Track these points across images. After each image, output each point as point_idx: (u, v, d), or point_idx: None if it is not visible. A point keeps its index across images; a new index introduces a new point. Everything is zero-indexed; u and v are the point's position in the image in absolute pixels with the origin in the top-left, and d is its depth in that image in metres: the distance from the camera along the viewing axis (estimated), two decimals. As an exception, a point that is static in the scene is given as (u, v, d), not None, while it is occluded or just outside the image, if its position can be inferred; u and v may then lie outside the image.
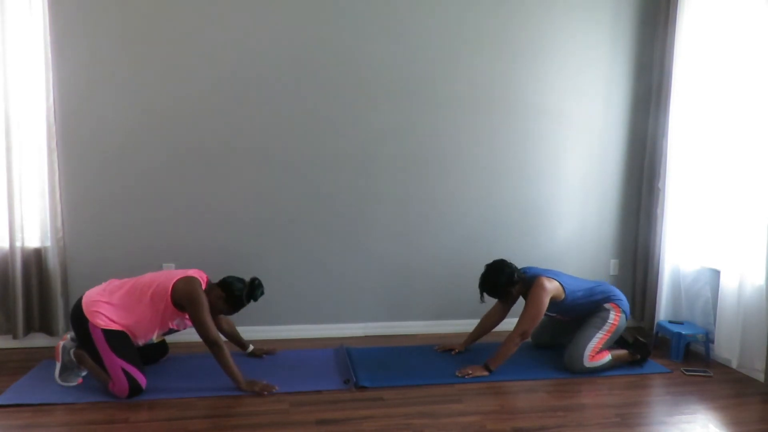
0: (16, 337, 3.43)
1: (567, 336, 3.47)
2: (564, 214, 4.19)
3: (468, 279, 4.02)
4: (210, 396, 2.88)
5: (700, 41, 3.70)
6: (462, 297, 4.04)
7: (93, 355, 2.86)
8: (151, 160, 3.58)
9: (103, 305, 2.86)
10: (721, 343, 3.47)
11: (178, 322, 2.97)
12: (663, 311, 3.90)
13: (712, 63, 3.65)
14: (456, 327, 3.90)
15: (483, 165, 4.01)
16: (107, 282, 3.04)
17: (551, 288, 3.25)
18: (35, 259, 3.46)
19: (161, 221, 3.63)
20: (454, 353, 3.56)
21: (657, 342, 3.83)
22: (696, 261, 3.78)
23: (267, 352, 3.47)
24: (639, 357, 3.40)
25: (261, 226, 3.76)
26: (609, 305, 3.37)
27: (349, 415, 2.72)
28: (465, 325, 3.79)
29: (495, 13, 3.89)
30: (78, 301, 2.92)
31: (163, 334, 3.11)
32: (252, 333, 3.62)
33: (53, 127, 3.40)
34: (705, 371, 3.40)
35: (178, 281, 2.88)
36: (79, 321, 2.86)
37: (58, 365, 2.96)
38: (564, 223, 4.20)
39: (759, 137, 3.24)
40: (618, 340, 3.46)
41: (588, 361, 3.27)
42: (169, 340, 3.37)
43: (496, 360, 3.22)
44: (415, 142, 3.89)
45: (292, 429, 2.58)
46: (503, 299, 3.42)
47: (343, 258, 3.90)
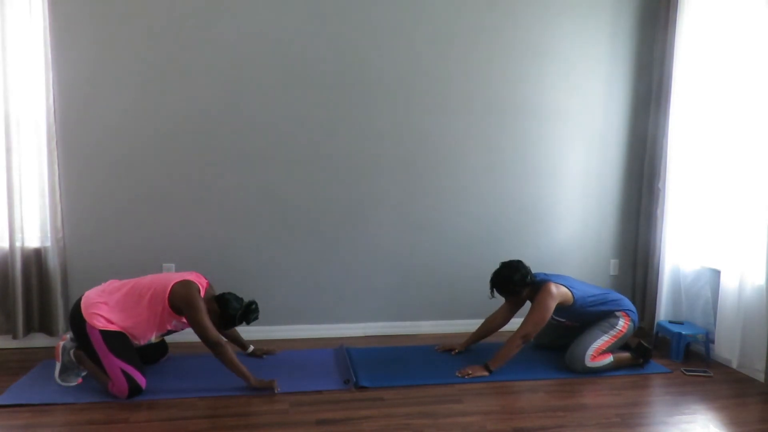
0: (16, 337, 3.43)
1: (570, 338, 3.46)
2: (564, 214, 4.19)
3: (468, 279, 4.05)
4: (210, 396, 2.88)
5: (700, 41, 3.70)
6: (462, 297, 4.04)
7: (92, 357, 2.86)
8: (151, 160, 3.58)
9: (101, 307, 2.86)
10: (721, 343, 3.47)
11: (175, 323, 2.97)
12: (663, 311, 3.90)
13: (712, 63, 3.65)
14: (456, 327, 3.89)
15: (483, 165, 4.01)
16: (107, 283, 3.04)
17: (558, 294, 3.25)
18: (35, 259, 3.46)
19: (161, 221, 3.63)
20: (454, 353, 3.56)
21: (657, 342, 3.83)
22: (696, 261, 3.79)
23: (267, 352, 3.48)
24: (641, 361, 3.40)
25: (261, 226, 3.76)
26: (619, 313, 3.38)
27: (349, 415, 2.72)
28: (465, 325, 3.79)
29: (495, 14, 3.89)
30: (77, 303, 2.92)
31: (162, 335, 3.12)
32: (252, 333, 3.62)
33: (53, 127, 3.40)
34: (705, 371, 3.40)
35: (175, 285, 2.88)
36: (78, 322, 2.86)
37: (58, 365, 2.96)
38: (564, 223, 4.20)
39: (759, 137, 3.24)
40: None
41: (590, 361, 3.27)
42: (169, 340, 3.37)
43: (496, 361, 3.23)
44: (416, 142, 3.89)
45: (292, 429, 2.58)
46: (512, 298, 3.41)
47: (344, 258, 3.90)
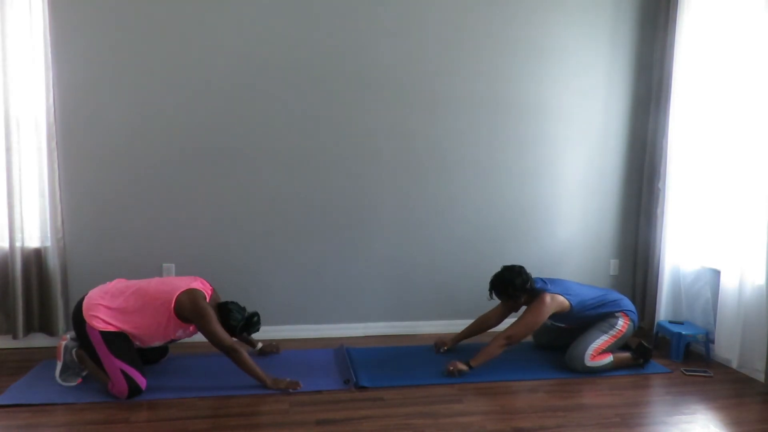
0: (16, 337, 3.43)
1: (569, 338, 3.46)
2: (564, 214, 4.19)
3: (468, 279, 4.05)
4: (210, 396, 2.88)
5: (700, 41, 3.70)
6: (462, 297, 4.05)
7: (92, 356, 2.86)
8: (151, 159, 3.58)
9: (102, 309, 2.85)
10: (721, 343, 3.46)
11: (180, 333, 2.96)
12: (663, 311, 3.90)
13: (712, 63, 3.65)
14: (456, 327, 3.88)
15: (483, 165, 4.01)
16: (113, 282, 3.03)
17: (553, 304, 3.25)
18: (35, 259, 3.46)
19: (161, 221, 3.63)
20: (443, 350, 3.57)
21: (657, 342, 3.83)
22: (696, 261, 3.78)
23: (275, 348, 3.51)
24: (642, 361, 3.40)
25: (261, 226, 3.76)
26: (619, 314, 3.38)
27: (349, 415, 2.72)
28: (465, 325, 3.77)
29: (495, 13, 3.89)
30: (80, 302, 2.92)
31: (166, 342, 3.09)
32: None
33: (53, 127, 3.40)
34: (705, 371, 3.40)
35: (181, 294, 2.87)
36: (79, 322, 2.86)
37: (59, 364, 2.96)
38: (564, 223, 4.20)
39: (759, 137, 3.24)
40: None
41: (589, 360, 3.27)
42: (169, 340, 3.37)
43: (478, 359, 3.20)
44: (415, 142, 3.89)
45: (292, 429, 2.58)
46: (509, 302, 3.39)
47: (344, 258, 3.90)
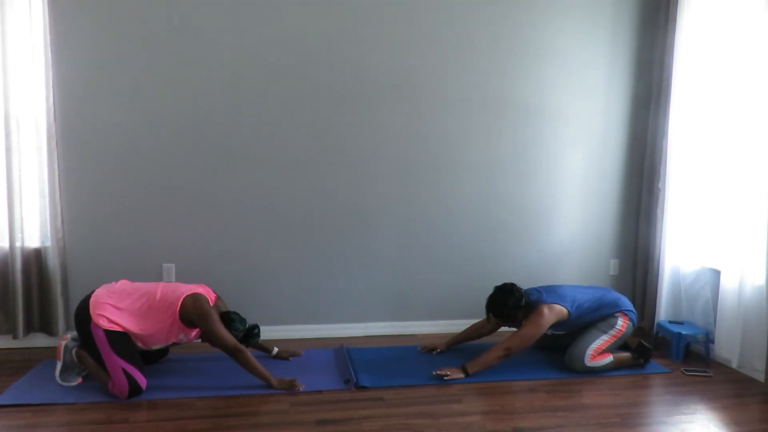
0: (16, 337, 3.43)
1: (569, 338, 3.46)
2: (564, 214, 4.19)
3: (468, 279, 4.05)
4: (210, 396, 2.88)
5: (700, 41, 3.70)
6: (462, 297, 4.05)
7: (94, 355, 2.86)
8: (152, 160, 3.58)
9: (110, 308, 2.86)
10: (721, 343, 3.47)
11: (182, 336, 2.97)
12: (663, 311, 3.90)
13: (712, 63, 3.65)
14: (456, 327, 3.88)
15: (483, 165, 4.01)
16: (119, 282, 3.04)
17: (551, 316, 3.24)
18: (35, 259, 3.46)
19: (161, 221, 3.63)
20: (435, 353, 3.56)
21: (657, 342, 3.83)
22: (696, 261, 3.78)
23: (293, 353, 3.46)
24: (642, 361, 3.40)
25: (261, 226, 3.76)
26: (618, 314, 3.38)
27: (349, 415, 2.72)
28: (465, 326, 3.77)
29: (495, 14, 3.89)
30: (85, 300, 2.92)
31: (166, 346, 3.11)
32: (252, 333, 3.62)
33: (53, 127, 3.40)
34: (705, 371, 3.40)
35: (186, 298, 2.89)
36: (84, 319, 2.86)
37: (59, 364, 2.96)
38: (564, 224, 4.20)
39: (759, 137, 3.24)
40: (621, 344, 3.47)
41: (589, 361, 3.27)
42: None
43: (475, 365, 3.19)
44: (416, 142, 3.89)
45: (292, 429, 2.58)
46: (508, 321, 3.36)
47: (344, 258, 3.90)
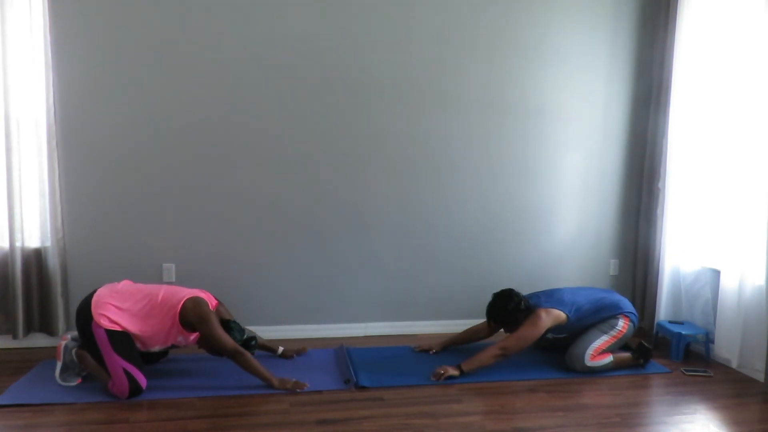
0: (16, 337, 3.43)
1: (570, 339, 3.46)
2: (564, 214, 4.19)
3: (468, 279, 4.05)
4: (210, 396, 2.88)
5: (700, 41, 3.70)
6: (462, 297, 4.05)
7: (95, 354, 2.86)
8: (152, 159, 3.58)
9: (112, 308, 2.86)
10: (721, 343, 3.47)
11: (180, 339, 2.97)
12: (663, 311, 3.90)
13: (712, 63, 3.65)
14: (456, 327, 3.88)
15: (483, 165, 4.01)
16: (122, 283, 3.05)
17: (549, 319, 3.24)
18: (35, 259, 3.46)
19: (161, 222, 3.63)
20: (432, 353, 3.56)
21: (657, 342, 3.83)
22: (696, 261, 3.78)
23: (298, 351, 3.47)
24: (642, 361, 3.39)
25: (261, 226, 3.76)
26: (619, 315, 3.37)
27: (349, 415, 2.72)
28: (465, 326, 3.77)
29: (495, 14, 3.89)
30: (87, 299, 2.92)
31: (165, 348, 3.11)
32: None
33: (53, 127, 3.40)
34: (705, 371, 3.40)
35: (187, 301, 2.89)
36: (85, 318, 2.86)
37: (59, 364, 2.96)
38: (564, 224, 4.20)
39: (759, 137, 3.24)
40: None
41: (589, 360, 3.27)
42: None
43: (470, 364, 3.18)
44: (415, 142, 3.89)
45: (292, 429, 2.58)
46: (509, 326, 3.34)
47: (344, 258, 3.89)
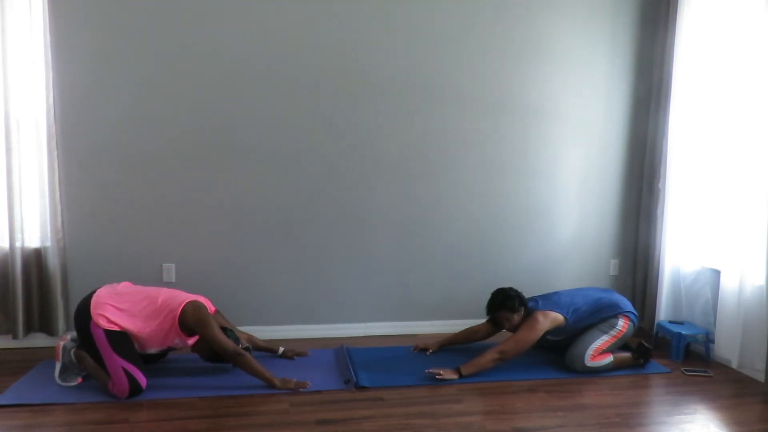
0: (16, 337, 3.43)
1: (570, 339, 3.45)
2: (564, 214, 4.19)
3: (468, 279, 4.05)
4: (210, 396, 2.88)
5: (700, 41, 3.70)
6: (462, 297, 4.05)
7: (94, 355, 2.86)
8: (152, 160, 3.58)
9: (111, 309, 2.86)
10: (721, 343, 3.47)
11: (177, 341, 2.98)
12: (663, 311, 3.90)
13: (712, 63, 3.65)
14: (456, 327, 3.88)
15: (483, 165, 4.01)
16: (121, 284, 3.05)
17: (546, 322, 3.25)
18: (35, 259, 3.46)
19: (161, 221, 3.63)
20: (428, 353, 3.56)
21: (657, 342, 3.83)
22: (696, 261, 3.78)
23: (299, 353, 3.47)
24: (642, 361, 3.39)
25: (261, 226, 3.76)
26: (619, 315, 3.37)
27: (349, 415, 2.72)
28: (465, 326, 3.78)
29: (495, 13, 3.89)
30: (86, 299, 2.92)
31: (162, 350, 3.12)
32: (252, 333, 3.61)
33: (53, 127, 3.40)
34: (705, 371, 3.40)
35: (187, 305, 2.89)
36: (84, 319, 2.86)
37: (58, 365, 2.96)
38: (564, 224, 4.20)
39: (759, 137, 3.24)
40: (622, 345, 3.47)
41: (589, 361, 3.27)
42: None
43: (469, 367, 3.18)
44: (416, 142, 3.89)
45: (292, 429, 2.58)
46: (509, 316, 3.33)
47: (344, 258, 3.89)
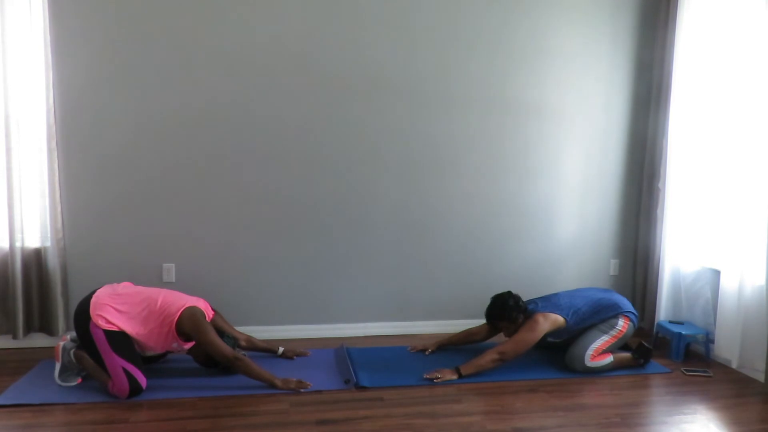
0: (16, 337, 3.43)
1: (570, 340, 3.45)
2: (564, 214, 4.19)
3: (468, 279, 4.06)
4: (210, 396, 2.88)
5: (700, 41, 3.70)
6: (462, 297, 4.05)
7: (93, 355, 2.86)
8: (152, 160, 3.58)
9: (110, 309, 2.86)
10: (721, 343, 3.47)
11: (176, 345, 2.99)
12: (663, 311, 3.90)
13: (712, 63, 3.65)
14: (456, 327, 3.89)
15: (483, 165, 4.01)
16: (121, 285, 3.06)
17: (547, 324, 3.25)
18: (35, 259, 3.46)
19: (161, 221, 3.63)
20: (427, 353, 3.56)
21: (657, 342, 3.83)
22: (696, 261, 3.78)
23: (299, 353, 3.47)
24: (642, 361, 3.39)
25: (261, 226, 3.76)
26: (619, 315, 3.37)
27: (349, 415, 2.72)
28: (465, 326, 3.78)
29: (495, 14, 3.89)
30: (86, 299, 2.92)
31: (160, 354, 3.12)
32: (253, 333, 3.61)
33: (53, 127, 3.40)
34: (705, 371, 3.40)
35: (184, 310, 2.90)
36: (84, 319, 2.86)
37: (57, 366, 2.96)
38: (564, 224, 4.20)
39: (759, 137, 3.24)
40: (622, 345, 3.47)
41: (590, 361, 3.27)
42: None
43: (468, 368, 3.18)
44: (415, 142, 3.89)
45: (292, 429, 2.58)
46: (508, 324, 3.33)
47: (344, 258, 3.89)
